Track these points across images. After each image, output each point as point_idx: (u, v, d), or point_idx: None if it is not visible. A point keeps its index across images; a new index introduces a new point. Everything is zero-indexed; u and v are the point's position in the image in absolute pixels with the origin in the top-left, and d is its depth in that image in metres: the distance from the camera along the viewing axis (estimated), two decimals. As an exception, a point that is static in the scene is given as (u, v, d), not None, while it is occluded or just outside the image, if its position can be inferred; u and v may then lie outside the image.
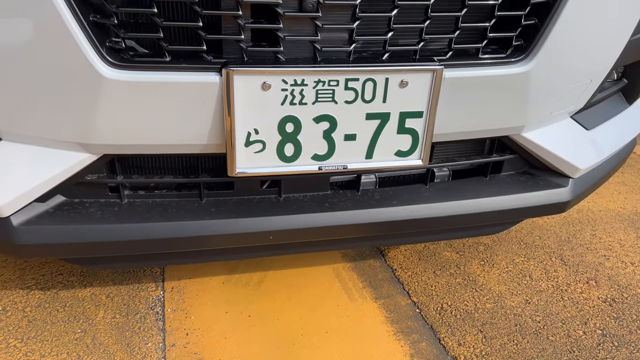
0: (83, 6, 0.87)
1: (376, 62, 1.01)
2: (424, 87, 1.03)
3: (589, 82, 1.24)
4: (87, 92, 0.92)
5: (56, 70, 0.90)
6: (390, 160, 1.11)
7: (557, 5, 1.06)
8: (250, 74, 0.95)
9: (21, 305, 1.43)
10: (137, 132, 0.99)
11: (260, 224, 1.14)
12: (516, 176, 1.35)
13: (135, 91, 0.93)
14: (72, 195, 1.12)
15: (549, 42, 1.08)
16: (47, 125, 0.97)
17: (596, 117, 1.39)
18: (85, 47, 0.88)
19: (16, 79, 0.92)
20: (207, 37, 0.93)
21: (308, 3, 0.94)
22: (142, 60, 0.93)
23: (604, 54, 1.21)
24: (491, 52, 1.10)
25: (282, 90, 0.98)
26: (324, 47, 1.00)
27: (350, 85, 1.00)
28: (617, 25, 1.19)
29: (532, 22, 1.07)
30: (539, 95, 1.16)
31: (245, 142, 1.01)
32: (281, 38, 0.96)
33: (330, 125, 1.04)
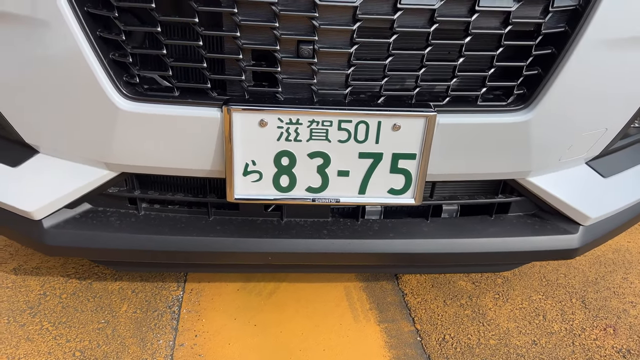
0: (103, 46, 0.99)
1: (370, 105, 1.05)
2: (417, 131, 1.07)
3: (604, 131, 1.21)
4: (105, 120, 1.04)
5: (79, 100, 1.03)
6: (383, 197, 1.15)
7: (563, 56, 1.05)
8: (248, 112, 1.03)
9: (59, 291, 1.61)
10: (148, 156, 1.10)
11: (260, 245, 1.22)
12: (524, 218, 1.34)
13: (147, 121, 1.04)
14: (97, 204, 1.26)
15: (553, 91, 1.07)
16: (73, 145, 1.11)
17: (617, 164, 1.34)
18: (103, 82, 1.00)
19: (47, 106, 1.06)
20: (211, 76, 1.02)
21: (305, 50, 1.00)
22: (154, 94, 1.04)
23: (620, 104, 1.18)
24: (491, 98, 1.11)
25: (278, 127, 1.05)
26: (320, 89, 1.06)
27: (343, 126, 1.05)
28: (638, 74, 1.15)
29: (534, 72, 1.07)
30: (543, 143, 1.15)
31: (244, 172, 1.09)
32: (279, 80, 1.03)
33: (324, 161, 1.09)
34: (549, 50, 1.05)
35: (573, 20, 1.03)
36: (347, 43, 1.00)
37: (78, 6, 0.95)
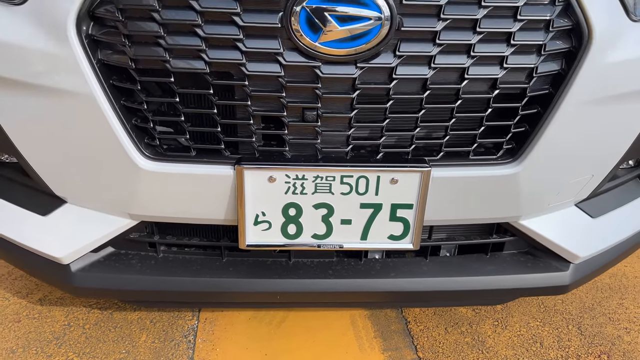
0: (126, 113, 1.10)
1: (369, 161, 1.15)
2: (413, 185, 1.16)
3: (590, 178, 1.29)
4: (128, 178, 1.15)
5: (104, 160, 1.14)
6: (384, 242, 1.24)
7: (548, 114, 1.14)
8: (258, 170, 1.12)
9: (82, 322, 1.72)
10: (167, 208, 1.20)
11: (269, 285, 1.31)
12: (517, 256, 1.42)
13: (166, 179, 1.14)
14: (119, 247, 1.36)
15: (540, 145, 1.16)
16: (98, 198, 1.21)
17: (605, 205, 1.42)
18: (126, 144, 1.11)
19: (75, 164, 1.16)
20: (225, 139, 1.12)
21: (309, 115, 1.10)
22: (173, 155, 1.14)
23: (605, 152, 1.26)
24: (482, 152, 1.20)
25: (286, 182, 1.14)
26: (323, 147, 1.15)
27: (345, 180, 1.15)
28: (622, 124, 1.23)
29: (522, 128, 1.16)
30: (532, 192, 1.23)
31: (254, 222, 1.19)
32: (286, 140, 1.13)
33: (328, 211, 1.19)
34: (534, 110, 1.14)
35: (557, 82, 1.12)
36: (347, 108, 1.10)
37: (104, 79, 1.06)
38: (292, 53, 1.03)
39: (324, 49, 1.02)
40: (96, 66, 1.04)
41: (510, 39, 1.04)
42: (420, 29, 1.02)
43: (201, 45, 1.01)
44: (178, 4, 0.99)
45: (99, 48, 1.05)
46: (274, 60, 1.04)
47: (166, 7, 0.99)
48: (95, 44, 1.05)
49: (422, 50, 1.04)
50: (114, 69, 1.07)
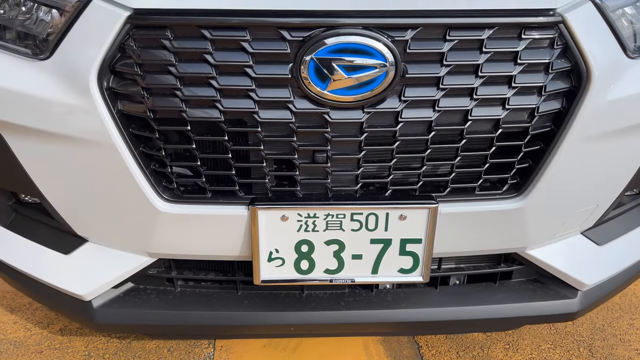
0: (145, 159, 1.15)
1: (378, 199, 1.19)
2: (422, 220, 1.19)
3: (595, 207, 1.32)
4: (146, 219, 1.20)
5: (124, 203, 1.19)
6: (394, 276, 1.27)
7: (551, 150, 1.17)
8: (271, 209, 1.17)
9: (102, 351, 1.77)
10: (184, 246, 1.25)
11: (283, 318, 1.35)
12: (526, 283, 1.45)
13: (184, 219, 1.19)
14: (139, 282, 1.41)
15: (544, 180, 1.20)
16: (119, 237, 1.27)
17: (611, 232, 1.45)
18: (145, 188, 1.16)
19: (96, 206, 1.22)
20: (240, 181, 1.17)
21: (319, 157, 1.15)
22: (189, 197, 1.19)
23: (609, 183, 1.29)
24: (488, 187, 1.23)
25: (298, 221, 1.19)
26: (334, 186, 1.20)
27: (355, 217, 1.19)
28: (624, 156, 1.27)
29: (526, 164, 1.20)
30: (538, 223, 1.26)
31: (268, 259, 1.23)
32: (298, 180, 1.18)
33: (339, 247, 1.23)
34: (537, 147, 1.17)
35: (558, 120, 1.15)
36: (356, 150, 1.14)
37: (124, 128, 1.11)
38: (302, 100, 1.08)
39: (332, 96, 1.07)
40: (116, 116, 1.10)
41: (511, 81, 1.09)
42: (424, 76, 1.06)
43: (216, 95, 1.06)
44: (194, 58, 1.05)
45: (118, 99, 1.11)
46: (285, 108, 1.09)
47: (182, 61, 1.05)
48: (115, 95, 1.10)
49: (426, 94, 1.08)
50: (133, 118, 1.12)
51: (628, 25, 1.16)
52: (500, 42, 1.06)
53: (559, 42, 1.08)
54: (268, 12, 1.02)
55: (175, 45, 1.04)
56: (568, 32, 1.07)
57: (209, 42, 1.03)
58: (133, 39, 1.04)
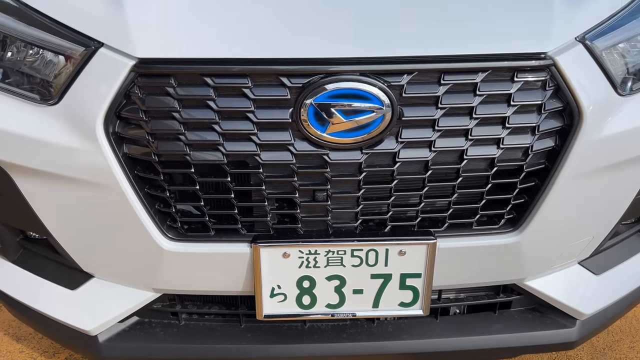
0: (150, 200, 1.18)
1: (377, 235, 1.22)
2: (421, 256, 1.22)
3: (591, 239, 1.35)
4: (151, 257, 1.23)
5: (129, 241, 1.22)
6: (395, 310, 1.29)
7: (546, 186, 1.20)
8: (273, 247, 1.20)
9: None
10: (188, 282, 1.28)
11: (287, 350, 1.37)
12: (524, 313, 1.47)
13: (187, 257, 1.22)
14: (144, 316, 1.43)
15: (540, 214, 1.22)
16: (124, 274, 1.30)
17: (608, 261, 1.47)
18: (150, 228, 1.19)
19: (102, 244, 1.25)
20: (242, 219, 1.20)
21: (320, 195, 1.18)
22: (193, 235, 1.22)
23: (604, 216, 1.32)
24: (485, 221, 1.26)
25: (299, 257, 1.21)
26: (334, 223, 1.22)
27: (356, 254, 1.22)
28: (618, 189, 1.30)
29: (521, 200, 1.22)
30: (535, 256, 1.29)
31: (270, 294, 1.26)
32: (299, 218, 1.21)
33: (340, 283, 1.25)
34: (532, 183, 1.20)
35: (552, 157, 1.18)
36: (355, 188, 1.17)
37: (129, 170, 1.14)
38: (302, 143, 1.11)
39: (331, 138, 1.10)
40: (122, 159, 1.13)
41: (505, 122, 1.12)
42: (420, 118, 1.10)
43: (219, 139, 1.10)
44: (197, 105, 1.08)
45: (124, 143, 1.14)
46: (286, 149, 1.12)
47: (186, 107, 1.08)
48: (120, 139, 1.14)
49: (422, 136, 1.11)
50: (138, 160, 1.15)
51: (617, 64, 1.20)
52: (494, 84, 1.10)
53: (550, 83, 1.11)
54: (269, 60, 1.06)
55: (179, 92, 1.07)
56: (559, 74, 1.10)
57: (211, 89, 1.07)
58: (138, 87, 1.08)
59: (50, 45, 1.15)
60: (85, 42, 1.12)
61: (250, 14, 1.10)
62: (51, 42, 1.16)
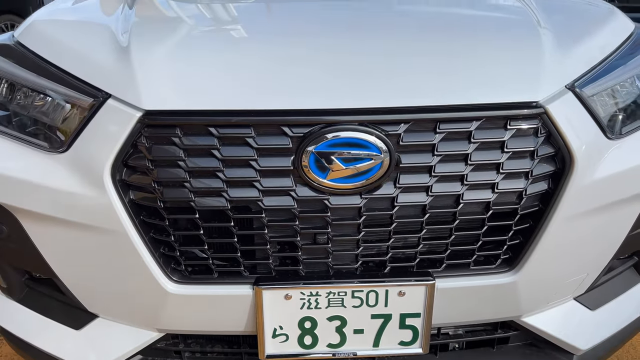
0: (154, 244, 1.21)
1: (377, 276, 1.25)
2: (420, 296, 1.25)
3: (585, 276, 1.38)
4: (156, 299, 1.25)
5: (134, 283, 1.25)
6: (395, 348, 1.31)
7: (540, 227, 1.23)
8: (275, 289, 1.22)
9: (109, 417, 1.79)
10: (191, 323, 1.30)
11: (288, 391, 1.39)
12: (522, 348, 1.49)
13: (191, 299, 1.25)
14: (147, 355, 1.44)
15: (535, 254, 1.25)
16: (128, 315, 1.32)
17: (603, 296, 1.49)
18: (154, 271, 1.21)
19: (107, 286, 1.28)
20: (245, 262, 1.23)
21: (321, 238, 1.21)
22: (196, 277, 1.25)
23: (598, 253, 1.35)
24: (481, 261, 1.29)
25: (301, 299, 1.24)
26: (335, 264, 1.25)
27: (356, 295, 1.24)
28: (611, 227, 1.33)
29: (517, 241, 1.26)
30: (530, 294, 1.32)
31: (272, 335, 1.28)
32: (300, 260, 1.24)
33: (342, 323, 1.28)
34: (527, 225, 1.24)
35: (545, 199, 1.22)
36: (355, 231, 1.20)
37: (135, 216, 1.18)
38: (303, 188, 1.15)
39: (331, 184, 1.14)
40: (128, 205, 1.17)
41: (499, 167, 1.16)
42: (417, 165, 1.13)
43: (223, 186, 1.13)
44: (202, 154, 1.12)
45: (130, 189, 1.18)
46: (287, 195, 1.15)
47: (191, 156, 1.12)
48: (127, 186, 1.17)
49: (419, 181, 1.15)
50: (143, 206, 1.19)
51: (606, 110, 1.24)
52: (488, 132, 1.14)
53: (542, 130, 1.16)
54: (271, 111, 1.10)
55: (185, 142, 1.11)
56: (550, 122, 1.15)
57: (216, 139, 1.11)
58: (145, 137, 1.12)
59: (60, 95, 1.20)
60: (94, 93, 1.16)
61: (252, 67, 1.14)
62: (61, 93, 1.20)
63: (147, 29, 1.43)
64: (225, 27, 1.43)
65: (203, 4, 1.73)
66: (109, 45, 1.30)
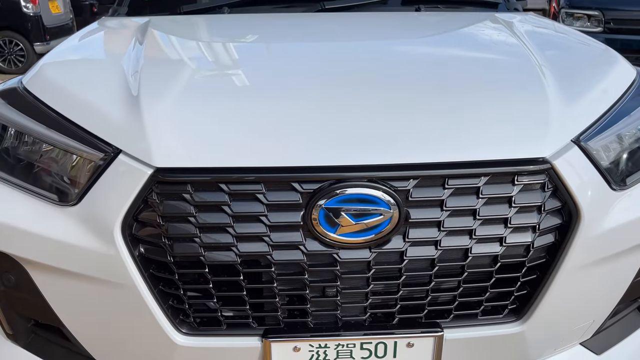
0: (163, 296, 1.21)
1: (386, 328, 1.25)
2: (428, 347, 1.25)
3: (591, 322, 1.38)
4: (164, 350, 1.25)
5: (143, 335, 1.24)
6: (404, 396, 1.31)
7: (547, 278, 1.24)
8: (283, 341, 1.22)
9: None
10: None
11: None
12: (530, 393, 1.49)
13: (199, 350, 1.24)
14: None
15: (542, 304, 1.26)
16: (137, 366, 1.31)
17: (609, 340, 1.49)
18: (163, 323, 1.21)
19: (116, 337, 1.28)
20: (254, 314, 1.23)
21: (329, 291, 1.21)
22: (205, 329, 1.24)
23: (604, 300, 1.36)
24: (489, 311, 1.29)
25: (309, 351, 1.24)
26: (343, 316, 1.25)
27: (365, 346, 1.24)
28: (617, 275, 1.34)
29: (524, 291, 1.26)
30: (537, 342, 1.32)
31: (282, 385, 1.28)
32: (309, 312, 1.24)
33: (350, 374, 1.28)
34: (534, 276, 1.25)
35: (552, 251, 1.23)
36: (364, 284, 1.21)
37: (144, 269, 1.18)
38: (312, 242, 1.15)
39: (341, 239, 1.14)
40: (137, 259, 1.17)
41: (507, 222, 1.17)
42: (426, 220, 1.14)
43: (232, 241, 1.14)
44: (212, 210, 1.13)
45: (140, 243, 1.18)
46: (297, 249, 1.16)
47: (201, 211, 1.13)
48: (136, 240, 1.17)
49: (428, 236, 1.16)
50: (152, 260, 1.19)
51: (610, 161, 1.26)
52: (495, 187, 1.15)
53: (549, 185, 1.17)
54: (281, 168, 1.11)
55: (196, 198, 1.12)
56: (557, 176, 1.16)
57: (226, 195, 1.11)
58: (156, 193, 1.12)
59: (69, 148, 1.20)
60: (104, 148, 1.17)
61: (262, 124, 1.16)
62: (70, 146, 1.21)
63: (157, 75, 1.44)
64: (234, 76, 1.44)
65: (210, 43, 1.76)
66: (119, 94, 1.31)
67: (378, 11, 2.03)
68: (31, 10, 8.02)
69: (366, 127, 1.16)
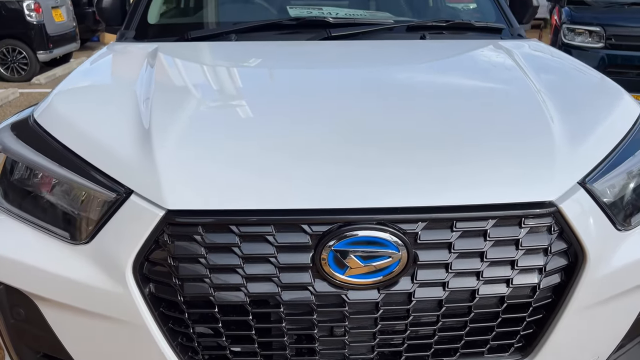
0: (173, 334, 1.22)
1: (393, 371, 1.26)
2: (435, 385, 1.26)
3: (596, 358, 1.39)
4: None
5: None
6: None
7: (554, 317, 1.25)
8: (291, 385, 1.23)
9: None
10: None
11: None
12: None
13: (208, 388, 1.25)
14: None
15: (548, 343, 1.27)
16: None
17: (615, 373, 1.51)
18: (172, 360, 1.22)
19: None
20: (262, 352, 1.24)
21: (338, 331, 1.22)
22: (214, 366, 1.26)
23: (608, 337, 1.37)
24: (495, 349, 1.30)
25: (317, 388, 1.25)
26: (351, 355, 1.26)
27: (374, 388, 1.25)
28: (621, 312, 1.35)
29: (530, 330, 1.27)
30: (545, 379, 1.33)
31: (287, 423, 1.28)
32: (317, 350, 1.24)
33: (357, 412, 1.28)
34: (540, 315, 1.26)
35: (558, 291, 1.24)
36: (372, 324, 1.22)
37: (154, 308, 1.19)
38: (321, 283, 1.16)
39: (349, 280, 1.15)
40: (147, 298, 1.18)
41: (514, 264, 1.18)
42: (434, 262, 1.16)
43: (242, 282, 1.15)
44: (223, 251, 1.14)
45: (150, 282, 1.19)
46: (306, 289, 1.17)
47: (212, 253, 1.14)
48: (147, 279, 1.18)
49: (436, 277, 1.17)
50: (163, 299, 1.20)
51: (615, 202, 1.27)
52: (503, 230, 1.16)
53: (555, 227, 1.18)
54: (291, 211, 1.12)
55: (206, 239, 1.13)
56: (563, 219, 1.17)
57: (237, 237, 1.13)
58: (167, 234, 1.14)
59: (82, 187, 1.22)
60: (116, 188, 1.18)
61: (271, 165, 1.17)
62: (82, 184, 1.22)
63: (167, 105, 1.45)
64: (243, 112, 1.46)
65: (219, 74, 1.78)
66: (131, 128, 1.33)
67: (383, 39, 2.05)
68: (35, 18, 8.04)
69: (375, 171, 1.17)
